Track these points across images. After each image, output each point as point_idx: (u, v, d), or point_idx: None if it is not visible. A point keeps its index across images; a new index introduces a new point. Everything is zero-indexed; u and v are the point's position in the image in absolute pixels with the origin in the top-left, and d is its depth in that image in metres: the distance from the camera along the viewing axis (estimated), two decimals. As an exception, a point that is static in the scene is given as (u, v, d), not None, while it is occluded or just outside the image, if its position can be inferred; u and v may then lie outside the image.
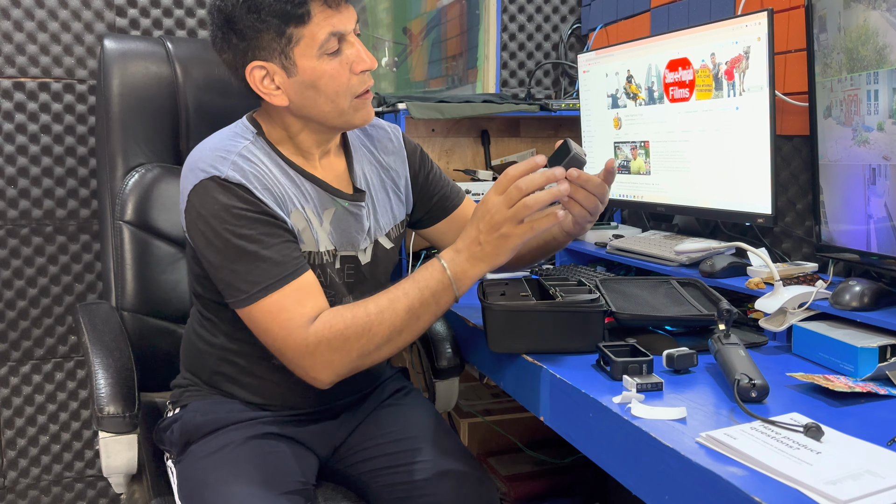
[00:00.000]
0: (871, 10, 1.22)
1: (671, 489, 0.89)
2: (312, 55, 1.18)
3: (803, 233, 1.65)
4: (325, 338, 1.14)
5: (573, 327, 1.23)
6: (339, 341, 1.14)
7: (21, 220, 2.04)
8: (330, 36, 1.17)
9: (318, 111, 1.23)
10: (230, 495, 1.17)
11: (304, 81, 1.20)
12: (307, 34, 1.17)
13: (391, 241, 1.40)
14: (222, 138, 1.26)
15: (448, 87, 2.44)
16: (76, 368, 2.14)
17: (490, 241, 1.13)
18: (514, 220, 1.11)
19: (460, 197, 1.51)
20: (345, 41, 1.20)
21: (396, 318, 1.15)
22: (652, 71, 1.78)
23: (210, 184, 1.17)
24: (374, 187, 1.37)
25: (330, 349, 1.14)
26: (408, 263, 2.01)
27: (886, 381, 1.08)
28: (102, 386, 1.31)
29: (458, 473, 1.31)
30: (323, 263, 1.28)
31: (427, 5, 2.40)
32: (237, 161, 1.20)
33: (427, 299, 1.15)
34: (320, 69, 1.19)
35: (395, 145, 1.43)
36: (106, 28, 2.05)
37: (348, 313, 1.15)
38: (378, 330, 1.14)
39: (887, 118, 1.21)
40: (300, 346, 1.15)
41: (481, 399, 2.20)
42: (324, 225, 1.28)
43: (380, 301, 1.15)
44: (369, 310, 1.15)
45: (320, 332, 1.14)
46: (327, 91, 1.20)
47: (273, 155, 1.25)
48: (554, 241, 1.42)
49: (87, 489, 2.19)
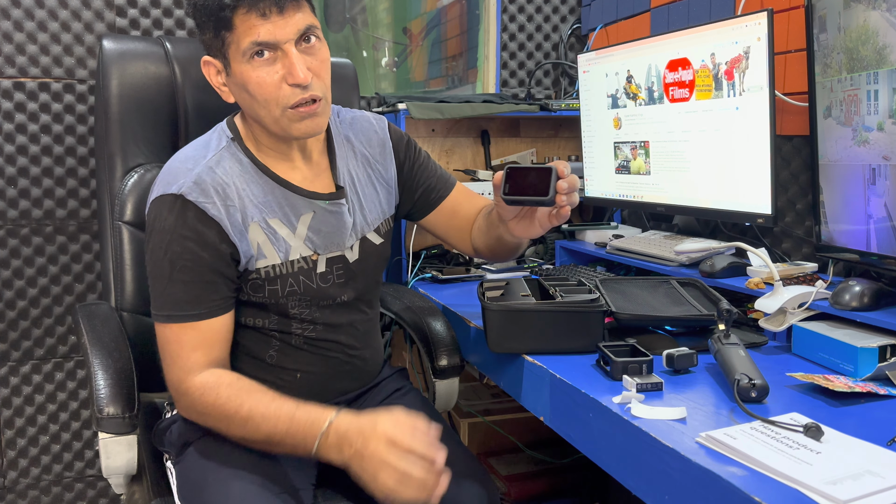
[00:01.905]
0: (871, 10, 1.22)
1: (671, 489, 0.89)
2: (240, 60, 1.18)
3: (803, 233, 1.65)
4: (192, 396, 1.19)
5: (573, 327, 1.23)
6: (200, 407, 1.19)
7: (21, 220, 2.04)
8: (253, 44, 1.16)
9: (255, 114, 1.23)
10: (229, 496, 1.17)
11: (237, 83, 1.21)
12: (233, 40, 1.17)
13: (380, 236, 1.39)
14: (196, 147, 1.28)
15: (448, 87, 2.44)
16: (76, 368, 2.14)
17: (368, 465, 1.08)
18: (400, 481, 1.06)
19: (448, 187, 1.49)
20: (279, 50, 1.17)
21: (256, 434, 1.16)
22: (652, 71, 1.78)
23: (168, 199, 1.20)
24: (359, 182, 1.37)
25: (191, 407, 1.20)
26: (408, 263, 2.01)
27: (886, 381, 1.08)
28: (102, 387, 1.30)
29: (459, 473, 1.31)
30: (295, 272, 1.27)
31: (427, 5, 2.40)
32: (201, 174, 1.21)
33: (286, 444, 1.14)
34: (247, 74, 1.18)
35: (381, 136, 1.42)
36: (106, 28, 2.05)
37: (223, 397, 1.17)
38: (234, 429, 1.18)
39: (887, 118, 1.21)
40: (173, 383, 1.22)
41: (481, 399, 2.20)
42: (298, 231, 1.27)
43: (255, 412, 1.15)
44: (241, 410, 1.16)
45: (192, 390, 1.19)
46: (257, 97, 1.19)
47: (245, 162, 1.26)
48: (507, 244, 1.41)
49: (87, 489, 2.19)
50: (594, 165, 2.06)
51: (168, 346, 1.22)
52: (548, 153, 2.40)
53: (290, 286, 1.27)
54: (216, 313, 1.22)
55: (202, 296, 1.20)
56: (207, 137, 1.30)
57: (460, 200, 1.49)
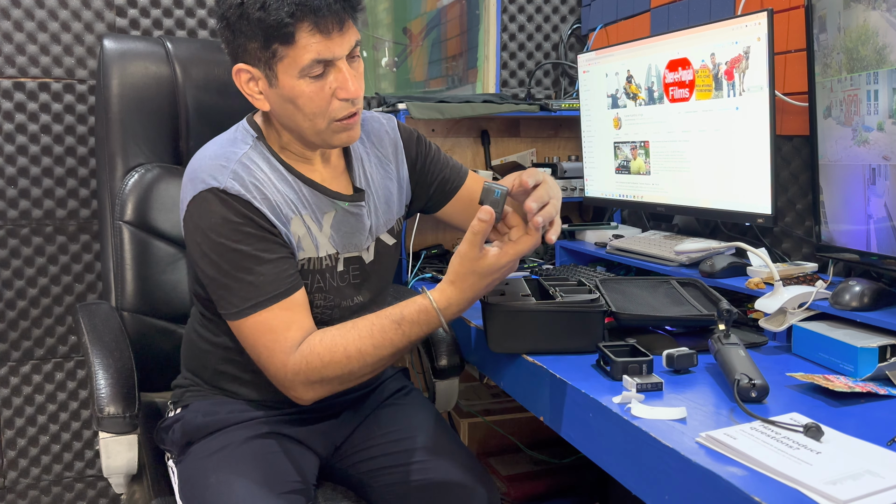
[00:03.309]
0: (871, 10, 1.22)
1: (671, 489, 0.89)
2: (293, 74, 1.16)
3: (803, 233, 1.65)
4: (303, 370, 1.17)
5: (573, 327, 1.23)
6: (316, 375, 1.18)
7: (21, 220, 2.04)
8: (314, 62, 1.15)
9: (296, 125, 1.22)
10: (231, 495, 1.17)
11: (284, 96, 1.18)
12: (291, 55, 1.15)
13: (393, 237, 1.40)
14: (223, 144, 1.26)
15: (448, 87, 2.44)
16: (76, 368, 2.14)
17: (482, 286, 1.17)
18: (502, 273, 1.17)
19: (461, 176, 1.49)
20: (332, 66, 1.17)
21: (380, 362, 1.19)
22: (652, 71, 1.78)
23: (209, 195, 1.18)
24: (375, 184, 1.37)
25: (308, 381, 1.18)
26: (408, 264, 2.01)
27: (886, 381, 1.08)
28: (102, 386, 1.30)
29: (459, 473, 1.31)
30: (322, 269, 1.28)
31: (427, 5, 2.40)
32: (237, 170, 1.20)
33: (414, 341, 1.20)
34: (299, 89, 1.17)
35: (392, 136, 1.42)
36: (106, 28, 2.05)
37: (326, 354, 1.17)
38: (357, 368, 1.18)
39: (887, 118, 1.21)
40: (280, 371, 1.19)
41: (481, 399, 2.20)
42: (324, 229, 1.28)
43: (363, 346, 1.17)
44: (349, 353, 1.17)
45: (298, 364, 1.17)
46: (305, 110, 1.19)
47: (272, 160, 1.25)
48: None
49: (87, 489, 2.19)
50: (594, 165, 2.06)
51: (261, 337, 1.18)
52: (548, 153, 2.40)
53: (318, 282, 1.27)
54: (296, 287, 1.20)
55: (279, 273, 1.19)
56: (231, 135, 1.28)
57: (475, 188, 1.50)
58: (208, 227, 1.17)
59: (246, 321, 1.18)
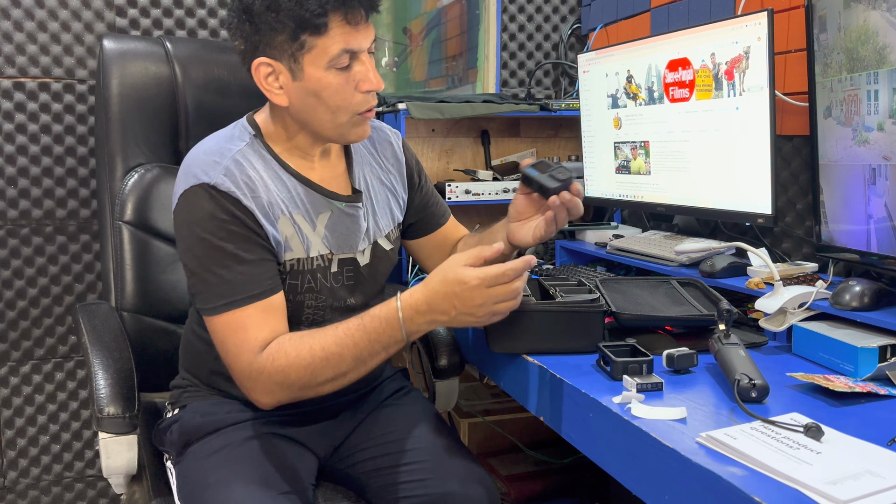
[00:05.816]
0: (871, 10, 1.22)
1: (671, 489, 0.89)
2: (321, 66, 1.18)
3: (803, 233, 1.65)
4: (267, 369, 1.17)
5: (573, 327, 1.23)
6: (280, 376, 1.17)
7: (21, 220, 2.04)
8: (342, 52, 1.17)
9: (315, 119, 1.23)
10: (230, 496, 1.17)
11: (308, 88, 1.20)
12: (320, 45, 1.16)
13: (390, 243, 1.40)
14: (219, 140, 1.27)
15: (448, 87, 2.44)
16: (76, 368, 2.14)
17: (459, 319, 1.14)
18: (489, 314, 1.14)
19: (446, 216, 1.52)
20: (357, 58, 1.19)
21: (342, 364, 1.17)
22: (652, 71, 1.78)
23: (199, 190, 1.19)
24: (373, 188, 1.38)
25: (270, 381, 1.17)
26: (407, 264, 2.01)
27: (886, 381, 1.08)
28: (102, 386, 1.30)
29: (459, 473, 1.31)
30: (314, 269, 1.28)
31: (427, 5, 2.40)
32: (230, 167, 1.21)
33: (377, 351, 1.17)
34: (325, 81, 1.18)
35: (395, 149, 1.44)
36: (106, 28, 2.05)
37: (293, 351, 1.16)
38: (321, 371, 1.17)
39: (887, 118, 1.21)
40: (245, 369, 1.18)
41: (481, 399, 2.20)
42: (317, 229, 1.28)
43: (327, 344, 1.16)
44: (314, 351, 1.16)
45: (264, 363, 1.17)
46: (328, 103, 1.20)
47: (268, 158, 1.26)
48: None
49: (87, 489, 2.19)
50: (594, 165, 2.06)
51: (232, 335, 1.18)
52: (548, 153, 2.39)
53: (308, 282, 1.27)
54: (274, 290, 1.21)
55: (259, 274, 1.19)
56: (229, 132, 1.29)
57: (452, 230, 1.53)
58: (195, 221, 1.19)
59: (220, 318, 1.19)
